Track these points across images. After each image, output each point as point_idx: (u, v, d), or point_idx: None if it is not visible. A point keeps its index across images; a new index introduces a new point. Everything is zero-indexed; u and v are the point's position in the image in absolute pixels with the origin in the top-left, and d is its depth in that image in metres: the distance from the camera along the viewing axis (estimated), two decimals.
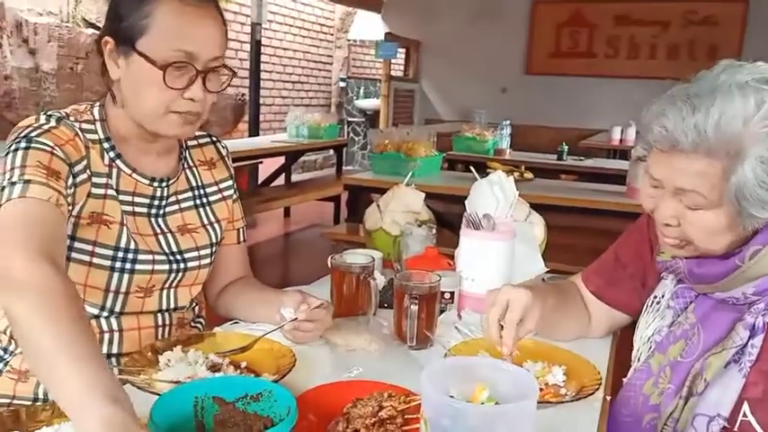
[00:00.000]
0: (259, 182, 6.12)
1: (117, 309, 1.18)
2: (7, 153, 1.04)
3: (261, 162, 6.00)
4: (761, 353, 1.01)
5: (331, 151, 7.89)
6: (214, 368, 1.04)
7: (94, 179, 1.12)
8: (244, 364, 1.08)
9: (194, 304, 1.33)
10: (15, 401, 1.16)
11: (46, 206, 0.98)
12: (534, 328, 1.10)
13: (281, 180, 6.24)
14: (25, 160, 1.02)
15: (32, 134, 1.06)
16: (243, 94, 6.73)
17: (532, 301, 1.08)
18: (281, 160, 6.10)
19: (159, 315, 1.24)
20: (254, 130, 6.35)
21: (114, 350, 1.18)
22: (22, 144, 1.04)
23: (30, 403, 1.15)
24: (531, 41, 7.53)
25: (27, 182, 0.98)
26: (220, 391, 0.91)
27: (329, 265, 1.38)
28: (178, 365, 1.03)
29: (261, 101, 6.62)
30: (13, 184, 0.98)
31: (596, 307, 1.33)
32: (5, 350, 1.19)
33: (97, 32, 1.39)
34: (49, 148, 1.05)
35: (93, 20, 5.18)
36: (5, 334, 1.19)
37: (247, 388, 0.92)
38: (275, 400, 0.90)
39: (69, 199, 1.04)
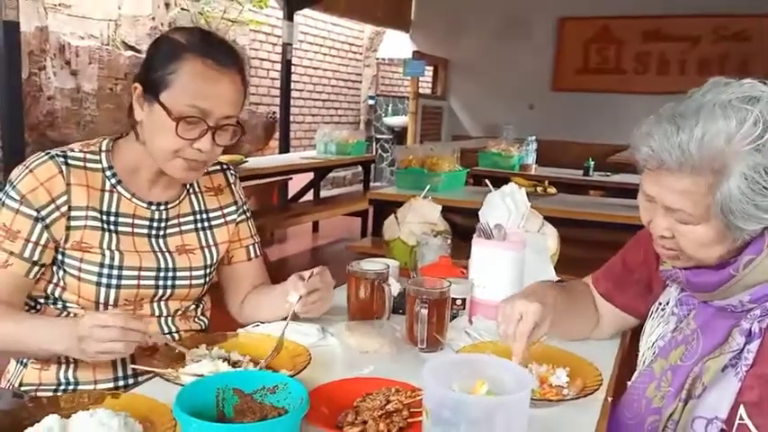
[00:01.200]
0: (289, 197, 6.24)
1: None
2: None
3: (291, 178, 6.13)
4: (756, 358, 1.04)
5: (359, 168, 8.01)
6: (235, 365, 1.12)
7: (74, 212, 1.24)
8: (263, 362, 1.16)
9: (198, 303, 1.42)
10: (41, 387, 1.27)
11: None
12: (546, 331, 1.15)
13: (310, 195, 6.36)
14: None
15: (14, 179, 1.23)
16: (274, 113, 6.89)
17: (543, 313, 1.13)
18: (310, 176, 6.22)
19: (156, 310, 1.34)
20: (284, 147, 6.49)
21: None
22: (3, 197, 1.23)
23: (54, 388, 1.27)
24: (557, 58, 7.54)
25: None
26: (240, 383, 0.99)
27: (346, 272, 1.45)
28: (202, 361, 1.11)
29: (291, 118, 6.76)
30: None
31: (606, 308, 1.38)
32: None
33: (136, 54, 1.50)
34: (16, 205, 1.21)
35: (131, 43, 5.40)
36: None
37: (264, 381, 1.00)
38: (290, 393, 0.97)
39: (29, 247, 1.22)
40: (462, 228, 2.44)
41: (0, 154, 4.30)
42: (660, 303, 1.27)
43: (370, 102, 9.81)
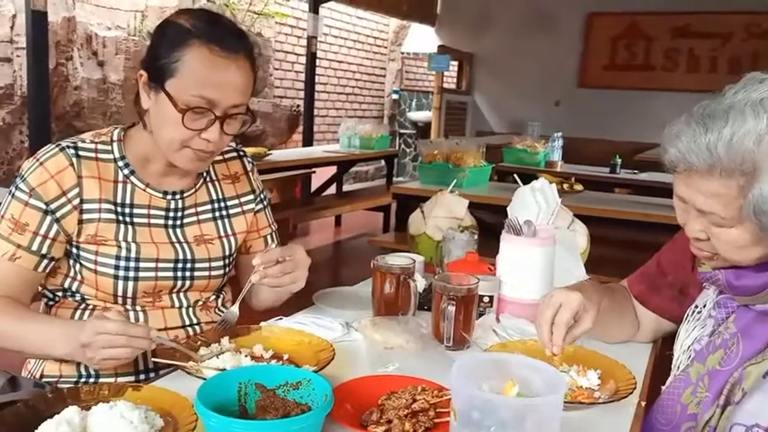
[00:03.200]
0: (312, 191, 6.24)
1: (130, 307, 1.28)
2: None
3: (314, 171, 6.12)
4: None
5: (382, 162, 7.97)
6: (255, 359, 1.10)
7: (86, 206, 1.22)
8: (286, 356, 1.14)
9: (218, 293, 1.39)
10: (62, 380, 1.25)
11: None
12: (591, 326, 1.12)
13: (332, 189, 6.35)
14: (5, 210, 1.20)
15: (23, 172, 1.20)
16: (298, 106, 6.89)
17: (585, 302, 1.10)
18: (333, 170, 6.21)
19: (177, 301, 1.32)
20: (308, 141, 6.48)
21: None
22: (13, 189, 1.21)
23: (75, 380, 1.25)
24: (585, 54, 7.44)
25: None
26: (262, 378, 0.96)
27: (372, 266, 1.43)
28: (224, 355, 1.09)
29: (315, 112, 6.76)
30: None
31: (642, 312, 1.35)
32: None
33: None
34: (25, 197, 1.19)
35: None
36: None
37: (288, 376, 0.97)
38: (313, 389, 0.95)
39: (38, 240, 1.19)
40: (487, 224, 2.41)
41: (27, 143, 4.35)
42: (697, 306, 1.23)
43: (394, 96, 9.77)
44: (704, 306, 1.20)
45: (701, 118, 0.98)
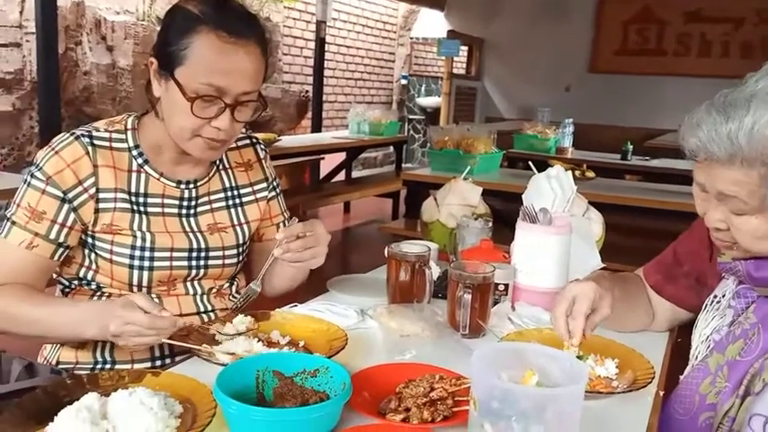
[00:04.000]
0: (321, 177, 6.23)
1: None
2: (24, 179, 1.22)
3: (323, 158, 6.11)
4: None
5: (391, 149, 7.95)
6: (270, 345, 1.10)
7: (102, 194, 1.21)
8: (302, 343, 1.14)
9: (232, 281, 1.39)
10: (78, 367, 1.26)
11: (16, 250, 1.17)
12: (610, 311, 1.11)
13: (341, 176, 6.34)
14: (21, 198, 1.19)
15: (39, 161, 1.19)
16: (307, 92, 6.87)
17: (601, 292, 1.10)
18: (342, 156, 6.19)
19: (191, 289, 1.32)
20: (316, 127, 6.47)
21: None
22: (28, 177, 1.20)
23: (91, 367, 1.25)
24: (596, 39, 7.36)
25: (13, 223, 1.18)
26: (280, 365, 0.96)
27: (386, 254, 1.42)
28: (237, 339, 1.09)
29: (324, 98, 6.73)
30: (7, 220, 1.19)
31: (657, 301, 1.34)
32: None
33: None
34: (42, 185, 1.18)
35: None
36: None
37: (306, 364, 0.97)
38: (331, 377, 0.95)
39: (55, 228, 1.19)
40: (499, 211, 2.39)
41: (37, 129, 4.36)
42: (716, 296, 1.21)
43: (403, 81, 9.72)
44: (723, 296, 1.19)
45: (722, 107, 0.96)
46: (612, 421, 0.98)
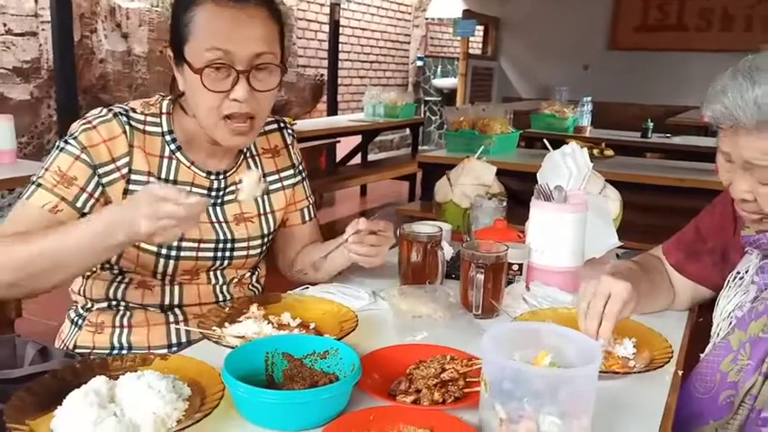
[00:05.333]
0: (337, 160, 6.22)
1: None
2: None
3: (338, 141, 6.09)
4: None
5: (407, 131, 7.90)
6: (281, 327, 1.09)
7: (134, 176, 1.18)
8: (312, 325, 1.13)
9: (253, 270, 1.38)
10: (95, 351, 1.26)
11: (38, 212, 1.12)
12: (629, 316, 1.09)
13: (357, 159, 6.32)
14: (51, 163, 1.15)
15: (75, 131, 1.16)
16: (321, 75, 6.82)
17: (633, 296, 1.06)
18: (357, 139, 6.17)
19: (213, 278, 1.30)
20: (332, 110, 6.44)
21: (176, 301, 1.26)
22: (61, 144, 1.16)
23: (107, 351, 1.25)
24: (615, 14, 7.22)
25: (38, 186, 1.13)
26: (289, 347, 0.95)
27: (397, 234, 1.40)
28: (246, 322, 1.09)
29: (339, 81, 6.69)
30: (32, 183, 1.14)
31: (678, 280, 1.31)
32: (83, 307, 1.30)
33: None
34: (77, 151, 1.14)
35: None
36: (81, 294, 1.29)
37: (315, 346, 0.96)
38: (341, 358, 0.94)
39: (83, 196, 1.14)
40: (515, 191, 2.36)
41: (55, 117, 4.39)
42: (738, 272, 1.18)
43: (419, 63, 9.62)
44: (746, 272, 1.16)
45: (748, 72, 0.93)
46: (630, 401, 0.96)
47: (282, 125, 1.42)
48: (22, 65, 4.41)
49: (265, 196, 1.34)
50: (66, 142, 1.16)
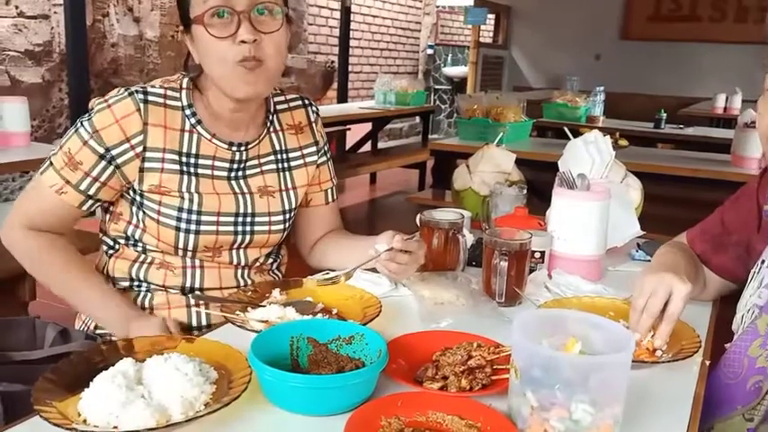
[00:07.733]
0: (347, 148, 6.20)
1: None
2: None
3: (349, 128, 6.06)
4: None
5: (417, 119, 7.87)
6: (304, 311, 1.08)
7: (149, 153, 1.18)
8: (335, 311, 1.12)
9: (275, 256, 1.38)
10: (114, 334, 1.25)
11: (47, 191, 1.20)
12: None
13: (367, 147, 6.30)
14: (65, 142, 1.20)
15: (91, 113, 1.19)
16: (332, 62, 6.81)
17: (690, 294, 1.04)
18: (368, 127, 6.14)
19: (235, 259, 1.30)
20: (342, 97, 6.41)
21: (197, 284, 1.26)
22: (78, 123, 1.20)
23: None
24: (628, 5, 7.16)
25: (51, 164, 1.20)
26: (315, 332, 0.95)
27: (418, 222, 1.39)
28: (270, 306, 1.08)
29: (349, 68, 6.66)
30: (47, 159, 1.21)
31: (707, 271, 1.29)
32: None
33: None
34: (86, 136, 1.17)
35: None
36: (103, 272, 1.29)
37: (340, 331, 0.96)
38: (366, 344, 0.93)
39: (87, 180, 1.19)
40: (528, 181, 2.34)
41: (67, 101, 4.39)
42: (763, 261, 1.17)
43: (429, 51, 9.56)
44: None
45: None
46: (659, 390, 0.95)
47: (307, 102, 1.41)
48: (34, 48, 4.40)
49: (287, 172, 1.34)
50: (81, 123, 1.19)
